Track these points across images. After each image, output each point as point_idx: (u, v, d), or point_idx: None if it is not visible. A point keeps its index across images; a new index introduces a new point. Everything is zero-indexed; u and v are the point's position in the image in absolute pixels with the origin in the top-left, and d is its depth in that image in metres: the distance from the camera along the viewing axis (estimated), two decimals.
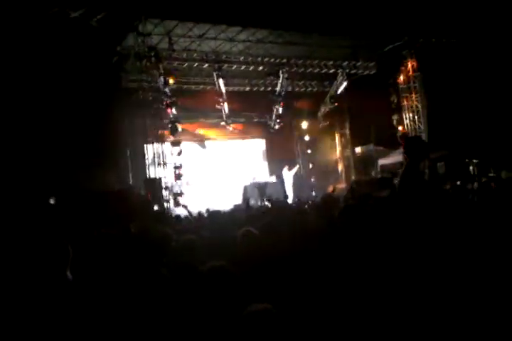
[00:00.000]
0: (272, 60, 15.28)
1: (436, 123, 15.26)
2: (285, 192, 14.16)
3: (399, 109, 16.22)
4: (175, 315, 2.07)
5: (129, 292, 2.16)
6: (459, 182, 10.53)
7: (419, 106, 16.10)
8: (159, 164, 12.45)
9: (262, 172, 17.57)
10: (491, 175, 11.81)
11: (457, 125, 13.68)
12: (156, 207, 6.24)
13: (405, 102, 16.21)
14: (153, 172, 12.41)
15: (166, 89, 13.12)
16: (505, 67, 12.71)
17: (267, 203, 12.54)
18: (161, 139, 13.05)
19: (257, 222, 5.25)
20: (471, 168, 13.40)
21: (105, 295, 2.07)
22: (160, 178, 12.09)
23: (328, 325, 2.20)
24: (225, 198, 15.09)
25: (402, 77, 16.20)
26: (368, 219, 3.59)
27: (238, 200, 14.56)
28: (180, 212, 9.38)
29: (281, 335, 1.56)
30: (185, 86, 15.13)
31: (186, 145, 15.03)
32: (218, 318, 2.00)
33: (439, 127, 14.90)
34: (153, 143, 12.95)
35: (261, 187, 14.10)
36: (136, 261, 3.06)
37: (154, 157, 12.76)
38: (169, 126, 13.25)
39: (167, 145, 13.33)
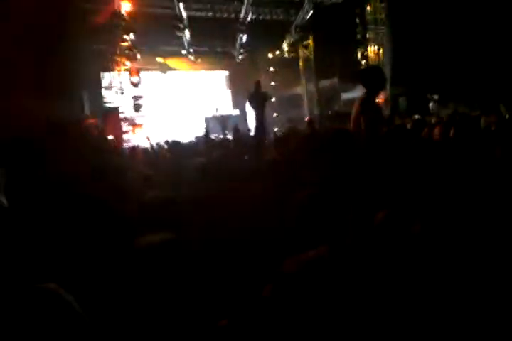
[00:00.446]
0: None
1: (399, 58, 15.11)
2: (248, 125, 14.07)
3: (364, 42, 15.89)
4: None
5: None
6: (417, 116, 10.71)
7: (384, 39, 15.80)
8: (117, 93, 11.97)
9: (225, 105, 17.30)
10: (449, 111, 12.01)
11: (420, 60, 13.61)
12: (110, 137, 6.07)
13: (371, 34, 15.85)
14: (110, 102, 11.96)
15: (123, 12, 12.27)
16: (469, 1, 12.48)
17: (228, 136, 12.51)
18: (118, 67, 12.43)
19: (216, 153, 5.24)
20: (430, 103, 13.61)
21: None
22: (118, 108, 11.70)
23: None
24: (187, 130, 14.91)
25: (369, 8, 15.70)
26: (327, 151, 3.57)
27: (200, 132, 14.45)
28: (139, 143, 9.20)
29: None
30: (142, 10, 14.17)
31: (145, 75, 14.44)
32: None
33: (402, 61, 14.79)
34: (110, 71, 12.34)
35: (223, 120, 13.94)
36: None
37: (112, 86, 12.22)
38: (126, 52, 12.58)
39: (125, 73, 12.75)
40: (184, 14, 13.97)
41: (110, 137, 7.64)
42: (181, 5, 13.63)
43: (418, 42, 13.48)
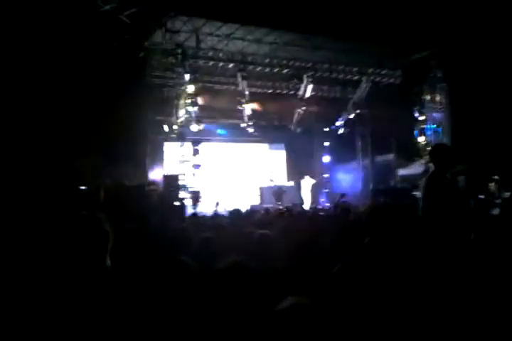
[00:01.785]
0: (297, 63, 15.19)
1: (459, 137, 14.99)
2: (301, 198, 14.04)
3: (422, 120, 15.97)
4: (194, 310, 1.99)
5: (150, 286, 2.09)
6: (482, 197, 10.33)
7: (444, 117, 15.84)
8: (178, 162, 12.45)
9: (280, 176, 17.53)
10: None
11: (480, 140, 13.42)
12: (176, 203, 6.20)
13: (429, 113, 15.95)
14: (171, 169, 12.42)
15: (190, 87, 13.12)
16: None
17: (281, 207, 12.49)
18: (181, 137, 13.05)
19: (273, 225, 5.20)
20: (491, 184, 13.16)
21: (130, 288, 2.01)
22: (178, 175, 12.09)
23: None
24: (242, 199, 15.09)
25: (427, 88, 15.97)
26: (395, 223, 3.48)
27: (255, 201, 14.55)
28: (198, 210, 9.32)
29: (318, 330, 1.47)
30: (208, 84, 15.13)
31: (205, 145, 15.05)
32: (241, 316, 1.92)
33: (462, 140, 14.63)
34: (173, 140, 12.96)
35: (278, 191, 14.01)
36: (156, 255, 2.99)
37: (173, 155, 12.77)
38: (190, 124, 13.27)
39: (187, 144, 13.35)
40: (246, 90, 14.73)
41: (176, 203, 7.84)
42: (245, 82, 14.44)
43: (478, 123, 13.40)
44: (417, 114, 15.96)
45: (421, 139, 15.84)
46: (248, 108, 15.15)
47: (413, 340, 1.56)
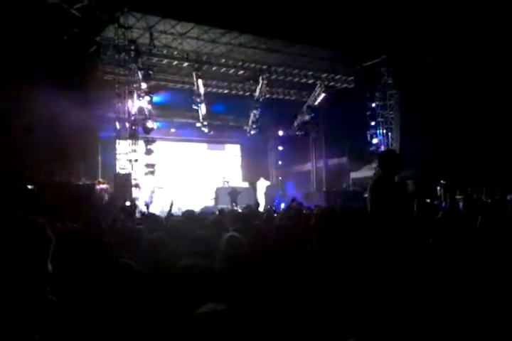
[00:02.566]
0: (253, 65, 15.20)
1: (407, 142, 15.47)
2: (257, 199, 14.01)
3: (374, 125, 16.37)
4: (134, 312, 1.91)
5: (98, 286, 1.99)
6: (428, 200, 10.66)
7: (393, 123, 16.29)
8: (130, 161, 12.11)
9: (234, 177, 17.47)
10: (458, 196, 12.02)
11: (428, 145, 13.91)
12: (127, 203, 5.99)
13: (380, 118, 16.37)
14: (123, 168, 12.06)
15: (144, 85, 12.81)
16: (477, 90, 13.03)
17: (236, 208, 12.41)
18: (134, 136, 12.70)
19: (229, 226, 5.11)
20: (438, 187, 13.65)
21: (76, 289, 1.89)
22: (130, 174, 11.76)
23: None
24: (195, 199, 14.93)
25: (378, 94, 16.38)
26: (344, 227, 3.50)
27: (208, 202, 14.41)
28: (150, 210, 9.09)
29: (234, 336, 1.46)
30: (162, 83, 14.85)
31: (159, 145, 14.75)
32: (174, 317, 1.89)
33: (410, 146, 15.10)
34: (125, 139, 12.59)
35: (233, 193, 13.93)
36: (104, 254, 2.86)
37: (126, 153, 12.42)
38: (143, 122, 12.95)
39: (140, 142, 13.01)
40: (202, 90, 14.57)
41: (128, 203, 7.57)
42: (200, 82, 14.28)
43: (426, 129, 13.86)
44: (369, 119, 16.35)
45: (372, 143, 16.22)
46: (203, 108, 14.99)
47: None
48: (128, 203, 5.93)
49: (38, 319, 1.30)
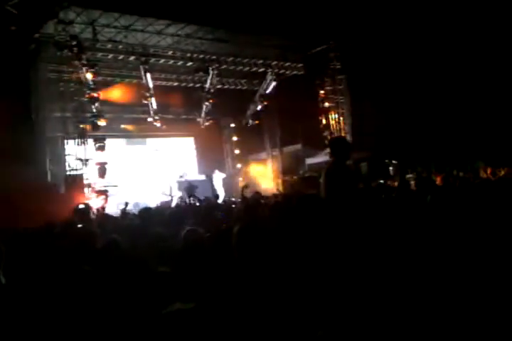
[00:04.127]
0: (202, 56, 15.01)
1: (359, 125, 15.82)
2: (215, 191, 13.99)
3: (326, 110, 16.62)
4: (98, 312, 1.91)
5: (55, 290, 1.97)
6: (382, 181, 10.99)
7: (344, 108, 16.60)
8: (80, 160, 11.79)
9: (190, 171, 17.35)
10: (410, 175, 12.43)
11: (378, 127, 14.29)
12: (81, 205, 5.85)
13: (331, 104, 16.63)
14: (74, 169, 11.73)
15: (89, 82, 12.44)
16: (423, 72, 13.44)
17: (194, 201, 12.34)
18: (82, 134, 12.36)
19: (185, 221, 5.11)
20: (390, 168, 14.06)
21: (32, 294, 1.87)
22: (81, 175, 11.47)
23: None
24: (152, 195, 14.75)
25: (328, 79, 16.62)
26: (299, 215, 3.57)
27: (165, 197, 14.28)
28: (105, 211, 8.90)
29: (200, 335, 1.50)
30: (109, 78, 14.46)
31: (110, 142, 14.41)
32: (143, 316, 1.90)
33: (362, 129, 15.46)
34: (74, 138, 12.23)
35: (189, 187, 13.82)
36: (60, 258, 2.81)
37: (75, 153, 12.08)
38: (91, 120, 12.61)
39: (89, 140, 12.68)
40: (150, 83, 14.30)
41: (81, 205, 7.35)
42: (148, 75, 14.00)
43: (376, 111, 14.22)
44: (320, 105, 16.57)
45: (325, 128, 16.48)
46: (154, 102, 14.74)
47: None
48: (81, 205, 5.79)
49: None
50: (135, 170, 16.62)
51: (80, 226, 4.81)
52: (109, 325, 1.85)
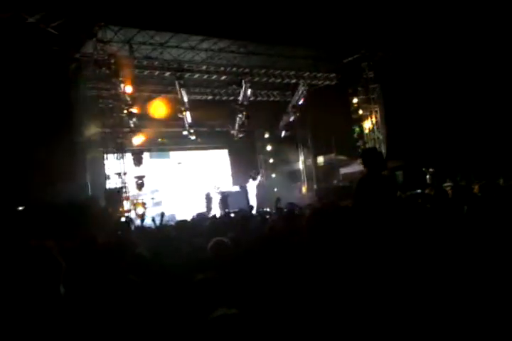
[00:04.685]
0: (235, 69, 15.30)
1: (393, 134, 15.65)
2: (249, 202, 14.11)
3: (359, 120, 16.55)
4: (148, 320, 2.01)
5: (104, 301, 2.08)
6: (419, 190, 10.82)
7: (378, 116, 16.47)
8: (119, 174, 12.15)
9: (225, 182, 17.54)
10: (447, 184, 12.17)
11: (414, 135, 14.08)
12: (123, 219, 6.04)
13: (364, 113, 16.55)
14: (113, 182, 12.10)
15: (127, 98, 12.86)
16: (457, 80, 13.22)
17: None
18: (121, 149, 12.74)
19: (223, 232, 5.20)
20: (427, 176, 13.81)
21: (86, 306, 1.99)
22: (121, 188, 11.81)
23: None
24: (189, 207, 14.97)
25: (361, 89, 16.57)
26: (334, 226, 3.60)
27: (201, 209, 14.48)
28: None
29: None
30: (145, 93, 14.90)
31: (147, 155, 14.83)
32: (187, 323, 1.98)
33: (397, 137, 15.29)
34: (113, 153, 12.63)
35: (224, 197, 14.00)
36: (103, 270, 2.95)
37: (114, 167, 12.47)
38: (130, 135, 13.02)
39: (128, 155, 13.06)
40: (185, 98, 14.65)
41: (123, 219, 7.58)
42: (183, 90, 14.35)
43: (410, 119, 14.04)
44: (353, 115, 16.53)
45: (359, 138, 16.40)
46: (188, 115, 15.06)
47: None
48: (123, 218, 5.97)
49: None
50: (169, 183, 16.94)
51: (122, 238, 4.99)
52: (158, 333, 1.95)
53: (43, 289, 1.52)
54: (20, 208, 7.35)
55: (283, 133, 17.92)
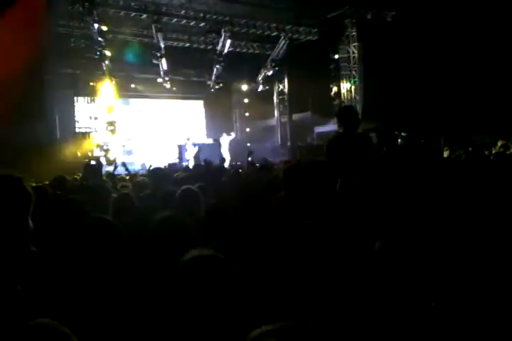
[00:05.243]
0: (215, 16, 14.67)
1: (370, 95, 15.61)
2: (221, 155, 14.02)
3: (337, 78, 16.36)
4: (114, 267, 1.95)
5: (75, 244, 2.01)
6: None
7: (357, 76, 16.31)
8: (90, 118, 11.80)
9: (198, 134, 17.36)
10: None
11: (390, 98, 14.10)
12: (92, 162, 5.89)
13: (344, 71, 16.36)
14: (83, 126, 11.76)
15: (100, 38, 12.25)
16: (439, 43, 13.14)
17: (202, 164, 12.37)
18: (92, 92, 12.29)
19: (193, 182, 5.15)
20: (399, 140, 13.97)
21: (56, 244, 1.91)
22: (90, 133, 11.51)
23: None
24: (160, 157, 14.81)
25: (342, 46, 16.28)
26: (311, 180, 3.60)
27: (172, 159, 14.35)
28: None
29: (226, 281, 1.47)
30: (120, 36, 14.22)
31: (119, 101, 14.37)
32: (155, 269, 1.92)
33: (373, 99, 15.28)
34: (84, 96, 12.18)
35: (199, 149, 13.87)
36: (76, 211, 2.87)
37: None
38: (102, 78, 12.52)
39: (99, 99, 12.64)
40: (162, 43, 14.06)
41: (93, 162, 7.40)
42: (160, 35, 13.74)
43: (388, 83, 13.99)
44: (332, 72, 16.31)
45: (336, 97, 16.29)
46: (164, 62, 14.54)
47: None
48: (93, 162, 5.82)
49: (20, 271, 1.33)
50: (144, 131, 16.63)
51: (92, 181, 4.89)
52: (132, 276, 1.87)
53: (10, 216, 1.44)
54: None
55: (260, 88, 17.62)
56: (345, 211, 3.21)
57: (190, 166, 9.23)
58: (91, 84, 12.26)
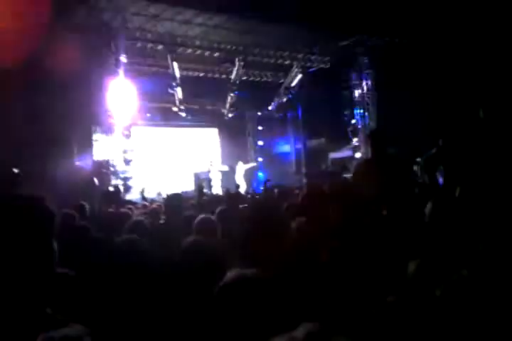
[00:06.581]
0: (229, 46, 14.99)
1: (384, 121, 15.61)
2: (236, 182, 14.03)
3: (351, 104, 16.46)
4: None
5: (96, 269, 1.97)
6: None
7: (370, 102, 16.39)
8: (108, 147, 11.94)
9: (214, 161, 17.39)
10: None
11: (404, 124, 14.05)
12: (111, 188, 5.90)
13: (357, 98, 16.46)
14: (100, 155, 11.89)
15: (118, 70, 12.54)
16: (452, 68, 13.16)
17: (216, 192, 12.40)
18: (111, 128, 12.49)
19: (210, 209, 5.12)
20: (415, 166, 13.83)
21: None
22: (108, 161, 11.60)
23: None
24: (175, 185, 14.84)
25: (354, 73, 16.44)
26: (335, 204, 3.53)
27: (187, 187, 14.36)
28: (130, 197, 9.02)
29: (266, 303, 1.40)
30: (136, 66, 14.54)
31: (136, 130, 14.56)
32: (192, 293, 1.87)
33: (387, 125, 15.26)
34: (101, 125, 12.38)
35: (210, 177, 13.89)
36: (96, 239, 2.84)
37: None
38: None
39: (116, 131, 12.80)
40: (177, 73, 14.34)
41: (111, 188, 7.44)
42: (175, 64, 14.03)
43: (402, 109, 13.98)
44: (345, 99, 16.43)
45: (350, 123, 16.34)
46: (180, 91, 14.78)
47: None
48: (111, 188, 5.82)
49: (48, 294, 1.28)
50: (159, 159, 16.73)
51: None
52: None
53: (35, 240, 1.39)
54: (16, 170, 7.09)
55: (274, 115, 17.78)
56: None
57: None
58: (108, 113, 12.44)
